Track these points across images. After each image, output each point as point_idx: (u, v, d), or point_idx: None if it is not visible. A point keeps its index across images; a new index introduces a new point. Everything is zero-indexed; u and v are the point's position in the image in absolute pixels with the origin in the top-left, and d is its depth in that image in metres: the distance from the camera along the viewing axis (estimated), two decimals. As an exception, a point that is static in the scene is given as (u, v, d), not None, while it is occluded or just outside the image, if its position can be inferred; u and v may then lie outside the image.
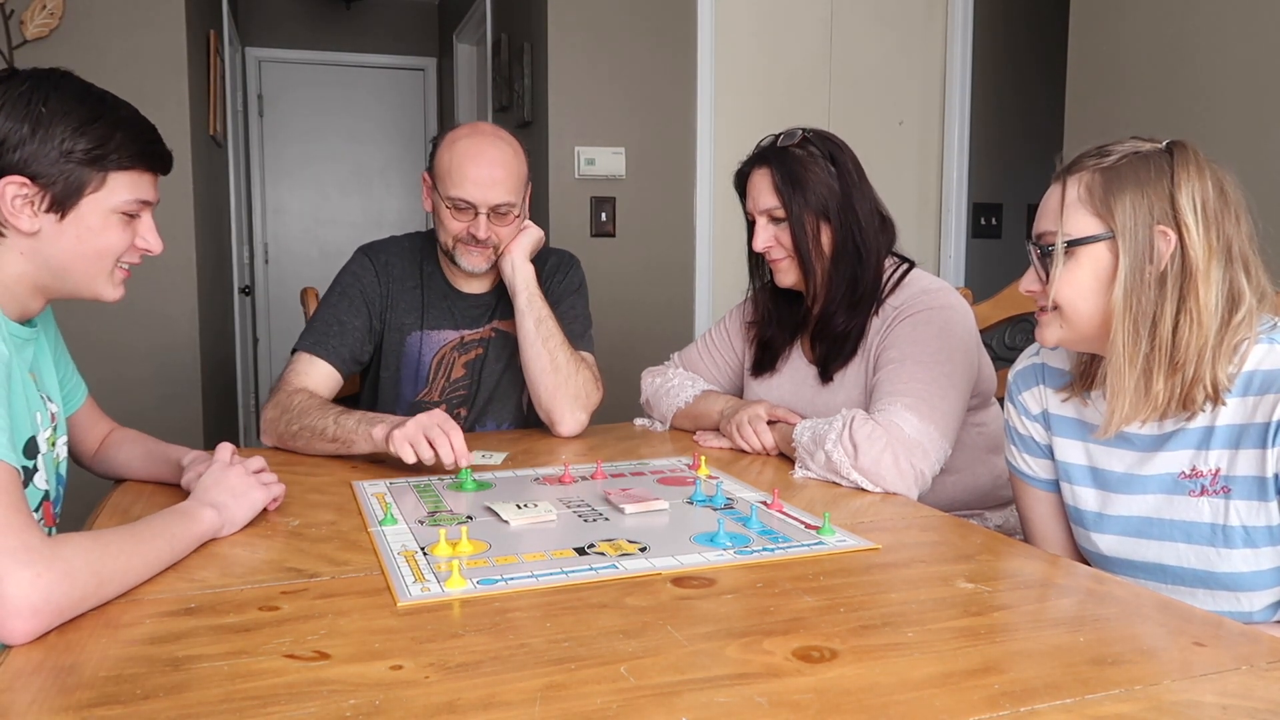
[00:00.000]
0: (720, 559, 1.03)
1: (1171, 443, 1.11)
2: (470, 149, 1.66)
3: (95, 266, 1.12)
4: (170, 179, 3.11)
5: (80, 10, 2.84)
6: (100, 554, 0.89)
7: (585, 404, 1.70)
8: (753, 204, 1.59)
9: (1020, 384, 1.28)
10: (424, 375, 1.79)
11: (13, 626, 0.80)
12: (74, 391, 1.35)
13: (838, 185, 1.55)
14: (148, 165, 1.13)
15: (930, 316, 1.49)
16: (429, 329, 1.78)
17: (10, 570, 0.81)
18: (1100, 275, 1.07)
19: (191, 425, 2.99)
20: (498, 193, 1.66)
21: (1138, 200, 1.04)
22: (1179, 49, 2.38)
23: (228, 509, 1.11)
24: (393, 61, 5.57)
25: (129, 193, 1.11)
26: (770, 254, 1.59)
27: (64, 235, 1.08)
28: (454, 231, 1.69)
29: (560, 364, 1.67)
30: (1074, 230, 1.08)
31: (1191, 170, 1.04)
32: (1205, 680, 0.74)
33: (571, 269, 1.86)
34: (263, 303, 5.38)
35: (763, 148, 1.61)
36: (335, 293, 1.76)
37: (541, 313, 1.69)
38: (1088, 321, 1.09)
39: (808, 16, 3.47)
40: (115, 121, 1.09)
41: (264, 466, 1.22)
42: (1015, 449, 1.30)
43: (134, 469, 1.37)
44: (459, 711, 0.69)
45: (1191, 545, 1.10)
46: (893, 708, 0.69)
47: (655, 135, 3.29)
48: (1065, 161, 1.13)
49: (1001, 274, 3.50)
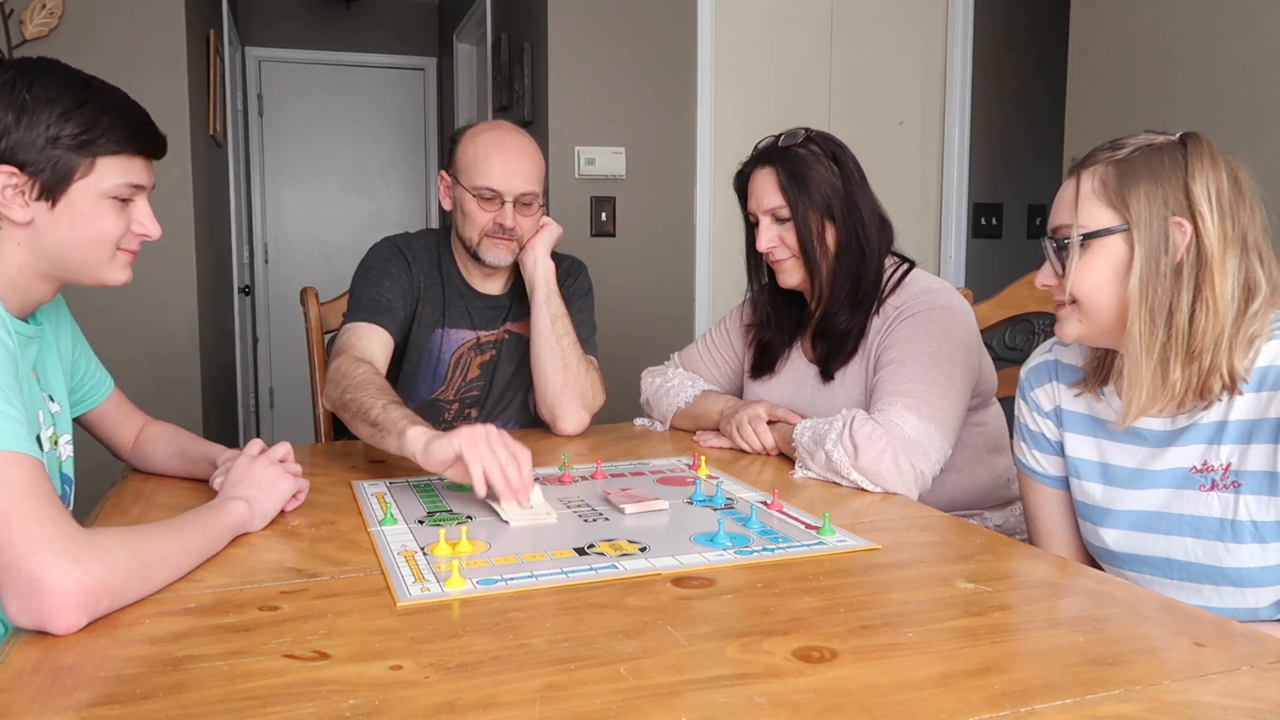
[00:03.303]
0: (720, 559, 1.03)
1: (1184, 437, 1.11)
2: (495, 140, 1.70)
3: (93, 253, 1.11)
4: (170, 179, 3.12)
5: (80, 10, 2.84)
6: (137, 542, 0.90)
7: (589, 404, 1.72)
8: (756, 204, 1.59)
9: (1032, 380, 1.28)
10: (442, 373, 1.80)
11: (59, 617, 0.81)
12: (98, 385, 1.35)
13: (841, 184, 1.55)
14: (137, 149, 1.11)
15: (931, 316, 1.49)
16: (449, 327, 1.80)
17: (49, 560, 0.81)
18: (1116, 267, 1.07)
19: (191, 425, 2.97)
20: (522, 181, 1.68)
21: (1152, 191, 1.05)
22: (1179, 49, 2.38)
23: (257, 502, 1.12)
24: (393, 61, 5.57)
25: (119, 177, 1.09)
26: (774, 254, 1.59)
27: (58, 223, 1.07)
28: (480, 224, 1.70)
29: (571, 362, 1.70)
30: (1089, 223, 1.08)
31: (1205, 161, 1.05)
32: (1205, 680, 0.74)
33: (582, 274, 1.89)
34: (263, 303, 5.38)
35: (764, 148, 1.60)
36: (373, 274, 1.74)
37: (558, 309, 1.71)
38: (1105, 314, 1.09)
39: (808, 16, 3.47)
40: (102, 106, 1.07)
41: (288, 455, 1.23)
42: (1025, 445, 1.30)
43: (170, 466, 1.37)
44: (459, 711, 0.69)
45: (1200, 540, 1.10)
46: (893, 708, 0.69)
47: (655, 135, 3.29)
48: (1079, 156, 1.13)
49: (1002, 274, 3.49)
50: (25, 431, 0.90)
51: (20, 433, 0.89)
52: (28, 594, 0.81)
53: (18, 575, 0.81)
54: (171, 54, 2.95)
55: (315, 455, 1.56)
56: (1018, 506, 1.64)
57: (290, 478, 1.18)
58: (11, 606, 0.81)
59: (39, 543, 0.82)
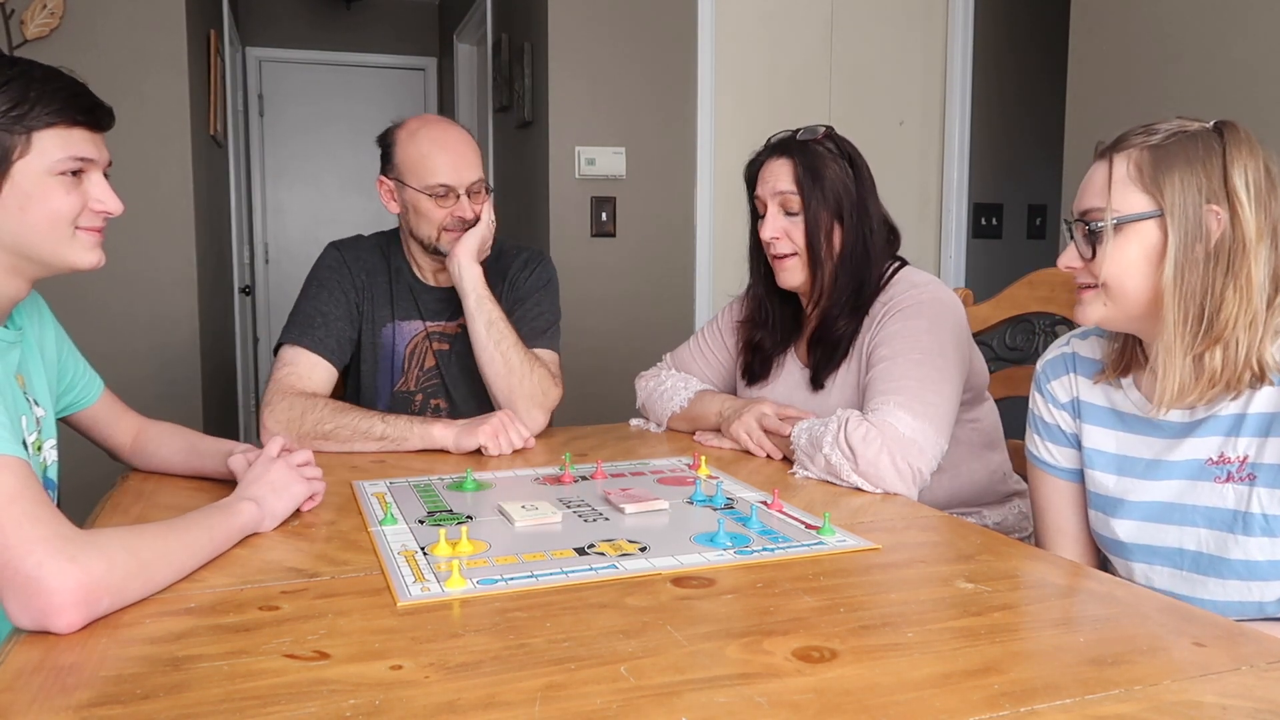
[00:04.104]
0: (720, 559, 1.03)
1: (1201, 429, 1.11)
2: (434, 136, 1.70)
3: (51, 235, 1.07)
4: (170, 179, 3.12)
5: (80, 10, 2.84)
6: (137, 540, 0.90)
7: (543, 403, 1.69)
8: (768, 188, 1.56)
9: (1049, 373, 1.28)
10: (399, 366, 1.81)
11: (59, 616, 0.81)
12: (88, 387, 1.34)
13: (854, 187, 1.54)
14: (74, 120, 1.06)
15: (920, 310, 1.48)
16: (400, 320, 1.80)
17: (46, 560, 0.81)
18: (1149, 253, 1.07)
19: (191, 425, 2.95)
20: (471, 170, 1.70)
21: (1187, 178, 1.04)
22: (1179, 48, 2.38)
23: (267, 502, 1.11)
24: (393, 61, 5.57)
25: (60, 151, 1.05)
26: (776, 248, 1.57)
27: (7, 208, 1.04)
28: (438, 220, 1.70)
29: (514, 365, 1.67)
30: (1123, 207, 1.08)
31: (1244, 150, 1.04)
32: (1205, 680, 0.74)
33: (540, 265, 1.86)
34: (263, 303, 5.38)
35: (782, 139, 1.58)
36: (313, 285, 1.76)
37: (492, 315, 1.68)
38: (1134, 300, 1.09)
39: (808, 16, 3.47)
40: (28, 80, 1.04)
41: (309, 460, 1.23)
42: (1039, 438, 1.29)
43: (176, 463, 1.37)
44: (459, 711, 0.69)
45: (1212, 531, 1.10)
46: (893, 708, 0.69)
47: (655, 135, 3.29)
48: (1106, 141, 1.13)
49: (1002, 274, 3.49)
50: (10, 435, 0.89)
51: (6, 436, 0.88)
52: (26, 594, 0.81)
53: (15, 576, 0.81)
54: (172, 54, 2.95)
55: (315, 455, 1.56)
56: (1016, 503, 1.64)
57: (304, 481, 1.18)
58: (11, 608, 0.81)
59: (34, 543, 0.82)
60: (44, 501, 0.86)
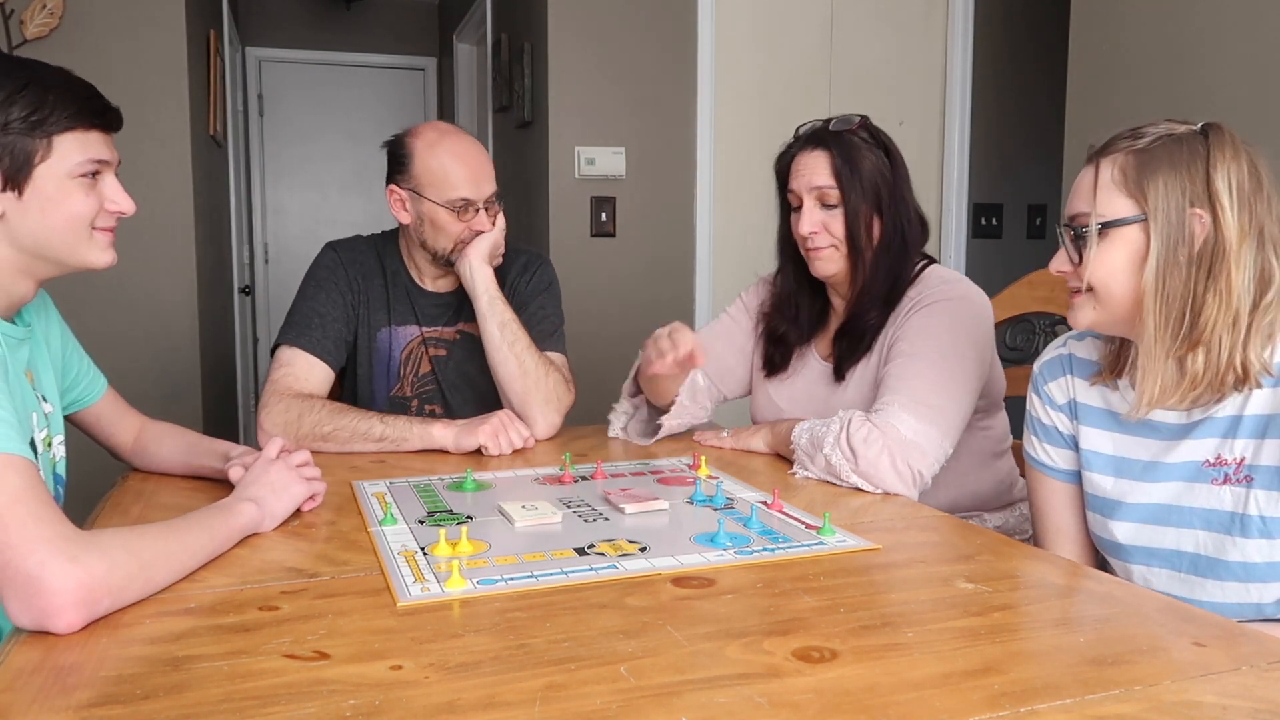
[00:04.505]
0: (720, 559, 1.03)
1: (1198, 431, 1.11)
2: (453, 149, 1.69)
3: (69, 236, 1.09)
4: (170, 179, 3.12)
5: (80, 10, 2.84)
6: (137, 541, 0.90)
7: (558, 406, 1.69)
8: (803, 182, 1.51)
9: (1046, 375, 1.28)
10: (395, 371, 1.80)
11: (59, 616, 0.81)
12: (92, 384, 1.35)
13: (891, 176, 1.51)
14: (91, 122, 1.09)
15: (945, 307, 1.46)
16: (396, 324, 1.80)
17: (47, 560, 0.81)
18: (1133, 257, 1.07)
19: (191, 425, 2.94)
20: (489, 183, 1.71)
21: (1171, 182, 1.05)
22: (1179, 48, 2.38)
23: (266, 503, 1.11)
24: (393, 61, 5.57)
25: (79, 154, 1.07)
26: (814, 242, 1.52)
27: (28, 212, 1.06)
28: (456, 233, 1.69)
29: (529, 368, 1.66)
30: (1108, 212, 1.08)
31: (1228, 152, 1.04)
32: (1205, 680, 0.74)
33: (540, 268, 1.85)
34: (263, 303, 5.38)
35: (814, 130, 1.54)
36: (310, 286, 1.75)
37: (504, 316, 1.67)
38: (1120, 303, 1.09)
39: (808, 16, 3.47)
40: (45, 85, 1.05)
41: (308, 460, 1.23)
42: (1036, 440, 1.29)
43: (175, 463, 1.37)
44: (459, 711, 0.69)
45: (1210, 533, 1.10)
46: (893, 708, 0.69)
47: (655, 135, 3.29)
48: (1096, 144, 1.13)
49: (1001, 274, 3.49)
50: (17, 434, 0.90)
51: (12, 435, 0.89)
52: (27, 594, 0.81)
53: (16, 576, 0.81)
54: (171, 54, 2.95)
55: (314, 455, 1.56)
56: (1018, 508, 1.64)
57: (304, 482, 1.18)
58: (12, 607, 0.82)
59: (36, 543, 0.82)
60: (47, 502, 0.87)
